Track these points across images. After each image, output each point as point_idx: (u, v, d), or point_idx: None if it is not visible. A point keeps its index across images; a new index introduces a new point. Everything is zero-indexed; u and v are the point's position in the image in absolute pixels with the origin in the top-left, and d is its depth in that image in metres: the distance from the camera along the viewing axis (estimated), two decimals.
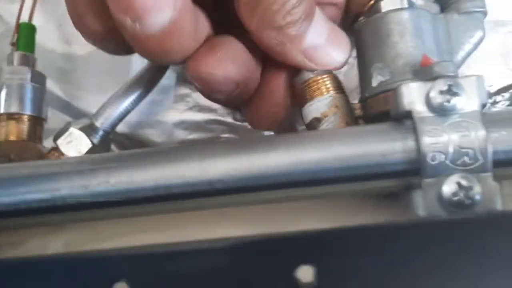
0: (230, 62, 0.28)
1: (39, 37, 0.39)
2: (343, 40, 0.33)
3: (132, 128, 0.40)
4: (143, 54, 0.27)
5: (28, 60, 0.36)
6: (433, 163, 0.24)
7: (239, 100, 0.30)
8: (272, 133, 0.35)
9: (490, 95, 0.40)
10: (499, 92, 0.41)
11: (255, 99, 0.31)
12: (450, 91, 0.25)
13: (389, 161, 0.25)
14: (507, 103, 0.41)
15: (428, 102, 0.25)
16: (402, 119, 0.26)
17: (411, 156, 0.24)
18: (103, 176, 0.26)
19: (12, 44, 0.37)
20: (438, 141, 0.24)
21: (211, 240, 0.21)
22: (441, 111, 0.25)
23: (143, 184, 0.25)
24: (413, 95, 0.26)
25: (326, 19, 0.32)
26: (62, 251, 0.27)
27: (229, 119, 0.39)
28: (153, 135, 0.40)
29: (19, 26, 0.37)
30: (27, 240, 0.28)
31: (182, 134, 0.40)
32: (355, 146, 0.25)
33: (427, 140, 0.24)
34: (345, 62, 0.34)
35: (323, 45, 0.32)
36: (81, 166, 0.26)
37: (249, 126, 0.40)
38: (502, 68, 0.40)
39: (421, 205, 0.24)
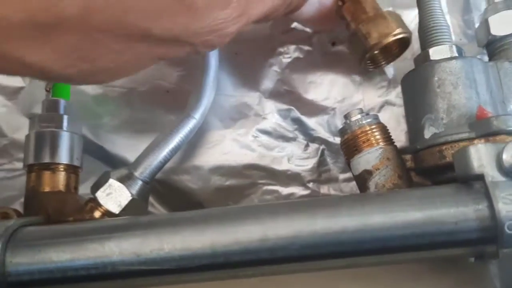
0: None
1: None
2: None
3: (166, 174, 0.39)
4: None
5: (64, 107, 0.35)
6: (511, 232, 0.23)
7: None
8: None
9: None
10: None
11: None
12: None
13: (462, 229, 0.23)
14: None
15: (500, 165, 0.24)
16: (470, 181, 0.25)
17: (485, 223, 0.23)
18: (156, 242, 0.24)
19: (47, 90, 0.35)
20: None
21: None
22: None
23: (200, 251, 0.24)
24: (483, 157, 0.24)
25: None
26: None
27: (267, 164, 0.38)
28: (189, 181, 0.38)
29: None
30: None
31: (219, 180, 0.38)
32: (425, 212, 0.24)
33: (503, 208, 0.23)
34: None
35: None
36: (132, 230, 0.25)
37: (288, 172, 0.38)
38: None
39: (498, 277, 0.23)
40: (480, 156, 0.24)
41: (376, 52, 0.35)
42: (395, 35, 0.33)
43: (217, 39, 0.26)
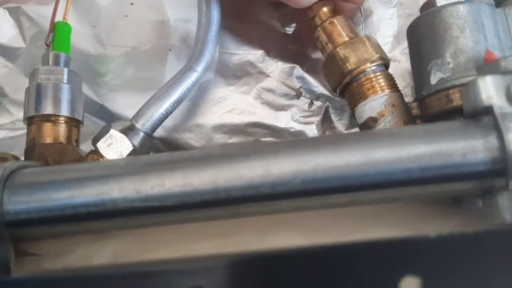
0: None
1: (72, 38, 0.37)
2: None
3: (168, 132, 0.38)
4: None
5: (64, 60, 0.34)
6: None
7: None
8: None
9: None
10: None
11: None
12: None
13: (471, 161, 0.23)
14: None
15: (509, 96, 0.23)
16: (479, 115, 0.24)
17: (494, 155, 0.22)
18: (157, 179, 0.24)
19: (47, 44, 0.35)
20: None
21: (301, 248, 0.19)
22: None
23: (201, 187, 0.23)
24: (491, 89, 0.24)
25: None
26: (109, 262, 0.25)
27: (271, 122, 0.37)
28: (191, 139, 0.38)
29: (54, 25, 0.35)
30: (72, 249, 0.26)
31: (221, 138, 0.38)
32: (432, 144, 0.23)
33: None
34: None
35: None
36: (132, 168, 0.25)
37: (292, 130, 0.38)
38: None
39: (509, 209, 0.22)
40: (488, 88, 0.24)
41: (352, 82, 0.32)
42: (374, 61, 0.31)
43: None
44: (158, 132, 0.38)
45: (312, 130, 0.38)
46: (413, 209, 0.26)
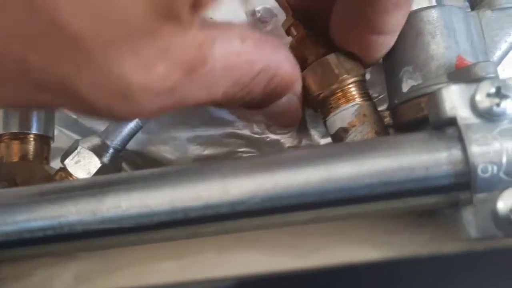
0: None
1: None
2: None
3: (143, 145, 0.38)
4: None
5: None
6: (484, 175, 0.21)
7: None
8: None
9: None
10: None
11: None
12: (499, 94, 0.22)
13: (434, 175, 0.22)
14: None
15: (473, 106, 0.22)
16: (443, 126, 0.23)
17: (458, 168, 0.22)
18: (113, 200, 0.23)
19: None
20: (488, 150, 0.21)
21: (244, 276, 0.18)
22: (489, 116, 0.22)
23: (158, 208, 0.23)
24: (455, 100, 0.23)
25: None
26: (70, 284, 0.25)
27: (246, 132, 0.37)
28: (166, 151, 0.37)
29: None
30: (32, 272, 0.25)
31: (197, 150, 0.37)
32: (394, 159, 0.22)
33: (476, 150, 0.21)
34: None
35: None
36: (89, 190, 0.24)
37: (267, 139, 0.37)
38: None
39: (473, 224, 0.21)
40: (452, 98, 0.23)
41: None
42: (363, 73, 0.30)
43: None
44: (132, 145, 0.37)
45: (288, 139, 0.37)
46: (381, 222, 0.25)
